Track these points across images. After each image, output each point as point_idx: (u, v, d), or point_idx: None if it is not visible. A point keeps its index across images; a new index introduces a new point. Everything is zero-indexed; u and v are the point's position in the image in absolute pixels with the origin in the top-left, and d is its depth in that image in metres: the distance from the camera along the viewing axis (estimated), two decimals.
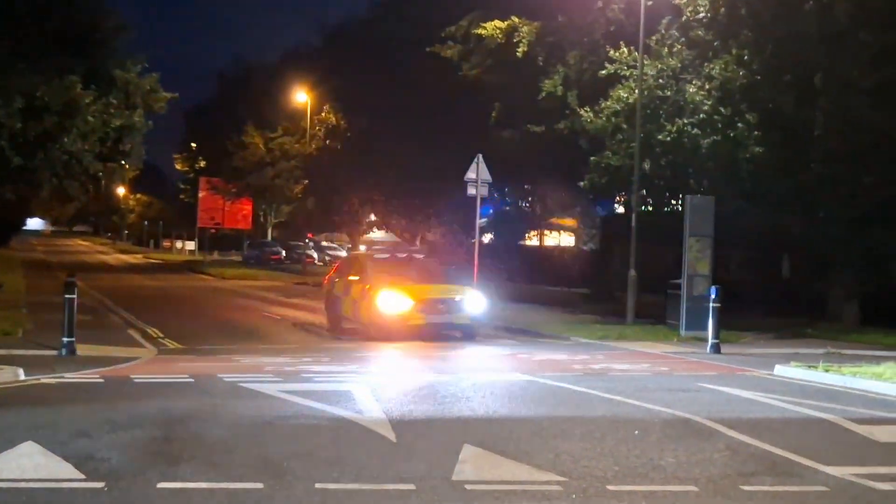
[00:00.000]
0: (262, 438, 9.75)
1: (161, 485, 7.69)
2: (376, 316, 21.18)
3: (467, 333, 21.98)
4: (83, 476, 7.93)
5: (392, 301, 21.04)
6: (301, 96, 58.03)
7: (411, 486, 7.87)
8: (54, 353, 15.95)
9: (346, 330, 23.20)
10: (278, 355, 17.51)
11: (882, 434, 10.65)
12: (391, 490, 7.77)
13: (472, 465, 8.69)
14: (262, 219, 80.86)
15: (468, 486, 7.92)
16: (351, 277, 22.99)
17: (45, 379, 13.58)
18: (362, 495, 7.59)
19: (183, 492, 7.54)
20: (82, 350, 16.18)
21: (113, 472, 8.05)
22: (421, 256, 26.46)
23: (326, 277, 25.98)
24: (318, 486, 7.79)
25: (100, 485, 7.66)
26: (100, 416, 10.88)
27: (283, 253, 72.37)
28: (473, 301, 21.96)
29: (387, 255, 24.71)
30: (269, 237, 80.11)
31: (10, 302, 26.42)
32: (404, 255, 25.55)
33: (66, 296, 16.15)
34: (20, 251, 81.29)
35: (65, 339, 15.97)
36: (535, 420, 11.20)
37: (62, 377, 13.81)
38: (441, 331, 21.85)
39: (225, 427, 10.33)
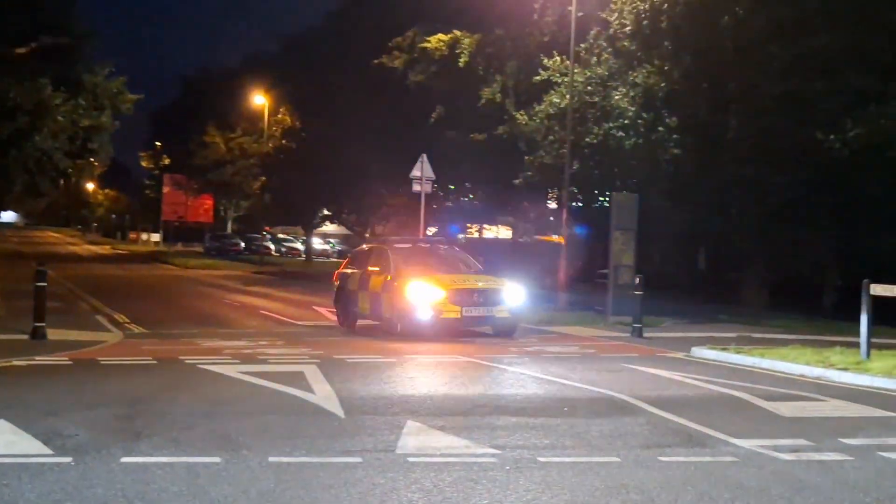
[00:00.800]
0: (220, 416, 9.66)
1: (124, 459, 7.59)
2: (405, 310, 17.85)
3: (506, 329, 18.72)
4: (52, 452, 7.82)
5: (423, 293, 17.74)
6: (259, 99, 58.01)
7: (358, 459, 7.85)
8: (25, 337, 15.68)
9: (359, 327, 20.22)
10: (237, 339, 17.36)
11: (786, 409, 10.80)
12: (339, 462, 7.74)
13: (415, 439, 8.69)
14: (222, 213, 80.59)
15: (410, 459, 7.91)
16: (370, 268, 19.66)
17: (17, 361, 13.35)
18: (312, 468, 7.55)
19: (144, 465, 7.45)
20: (52, 335, 15.92)
21: (79, 448, 7.93)
22: (445, 246, 22.83)
23: (336, 273, 22.11)
24: (271, 459, 7.74)
25: (67, 460, 7.55)
26: (68, 396, 10.74)
27: (243, 244, 71.89)
28: (513, 293, 18.56)
29: (408, 245, 21.07)
30: (229, 230, 79.61)
31: None
32: (427, 244, 22.57)
33: (37, 283, 15.91)
34: None
35: (35, 324, 15.71)
36: (472, 398, 11.22)
37: (32, 360, 13.59)
38: (478, 326, 18.87)
39: (185, 406, 10.23)
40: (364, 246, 23.15)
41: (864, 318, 14.69)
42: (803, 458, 8.41)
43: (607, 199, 28.61)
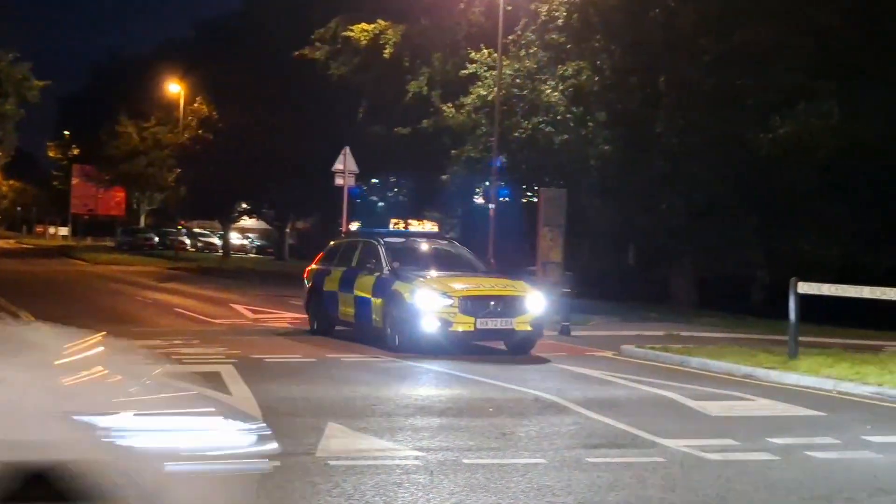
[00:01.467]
0: None
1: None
2: (407, 320, 14.79)
3: (525, 345, 15.54)
4: None
5: (429, 300, 14.59)
6: (174, 87, 56.93)
7: (276, 463, 7.75)
8: None
9: (336, 334, 17.41)
10: (149, 339, 16.95)
11: (714, 409, 10.97)
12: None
13: (336, 441, 8.62)
14: (135, 206, 79.10)
15: (331, 462, 7.84)
16: (357, 267, 16.82)
17: None
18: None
19: None
20: None
21: None
22: (445, 241, 19.79)
23: (307, 269, 19.08)
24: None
25: None
26: None
27: (157, 239, 70.62)
28: (535, 301, 15.32)
29: (402, 239, 18.63)
30: (143, 224, 78.24)
31: None
32: (424, 239, 19.62)
33: None
34: None
35: None
36: (395, 399, 11.18)
37: None
38: (493, 340, 15.85)
39: None
40: (344, 238, 19.97)
41: (792, 317, 14.98)
42: (730, 459, 8.54)
43: (535, 194, 28.80)
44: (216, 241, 72.17)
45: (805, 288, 15.03)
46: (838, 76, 24.92)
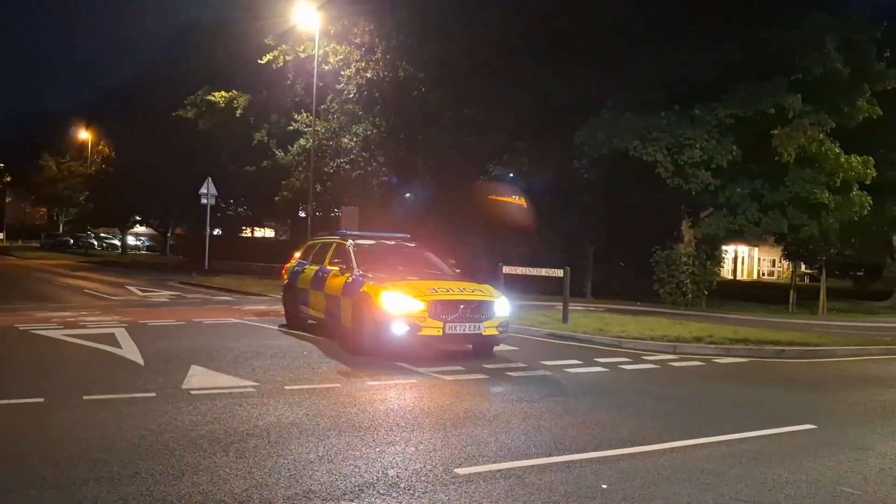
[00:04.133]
0: (45, 367, 8.82)
1: None
2: (377, 323, 10.20)
3: (488, 348, 11.01)
4: None
5: (399, 304, 10.17)
6: (84, 134, 53.83)
7: (153, 394, 7.43)
8: None
9: (309, 327, 13.15)
10: (63, 311, 15.79)
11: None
12: (139, 397, 7.29)
13: (197, 378, 8.33)
14: (55, 217, 73.45)
15: (193, 392, 7.59)
16: (329, 267, 12.20)
17: None
18: (119, 402, 7.06)
19: None
20: None
21: None
22: (413, 245, 13.29)
23: (285, 267, 14.44)
24: (85, 397, 7.16)
25: None
26: None
27: (72, 241, 65.34)
28: (502, 305, 10.84)
29: (371, 242, 12.83)
30: (61, 230, 72.32)
31: None
32: (392, 241, 13.27)
33: None
34: None
35: None
36: (240, 347, 10.88)
37: None
38: (461, 344, 10.96)
39: (17, 361, 9.24)
40: (320, 238, 14.28)
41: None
42: (460, 378, 8.85)
43: (339, 211, 28.66)
44: (116, 242, 67.48)
45: (507, 269, 15.69)
46: (528, 137, 26.13)
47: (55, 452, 5.45)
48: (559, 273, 15.21)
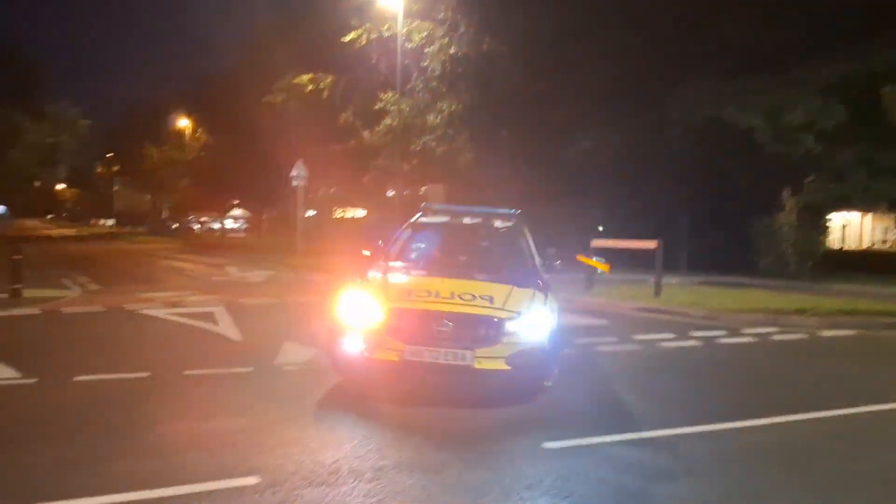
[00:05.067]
0: (150, 345, 9.29)
1: (77, 378, 7.22)
2: (330, 337, 6.78)
3: (488, 391, 6.61)
4: (21, 374, 7.32)
5: (356, 310, 6.59)
6: (183, 122, 56.41)
7: (250, 369, 7.71)
8: (5, 296, 14.54)
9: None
10: (166, 291, 16.59)
11: None
12: (236, 372, 7.59)
13: (289, 354, 8.58)
14: (158, 203, 77.32)
15: (285, 368, 7.83)
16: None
17: None
18: (217, 377, 7.37)
19: (93, 382, 7.10)
20: (26, 293, 14.81)
21: (44, 372, 7.48)
22: (508, 225, 8.50)
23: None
24: (185, 372, 7.51)
25: (33, 380, 7.12)
26: (37, 335, 10.09)
27: (175, 226, 68.78)
28: (530, 322, 6.37)
29: (443, 220, 8.73)
30: (164, 215, 76.14)
31: None
32: (476, 219, 8.65)
33: (13, 257, 14.77)
34: None
35: (13, 286, 14.57)
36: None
37: (10, 312, 12.62)
38: (439, 378, 6.42)
39: (127, 338, 9.77)
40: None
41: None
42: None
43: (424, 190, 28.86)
44: (215, 225, 70.47)
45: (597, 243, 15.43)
46: (615, 107, 25.51)
47: (157, 424, 5.74)
48: (651, 245, 14.83)
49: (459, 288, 6.69)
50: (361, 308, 6.56)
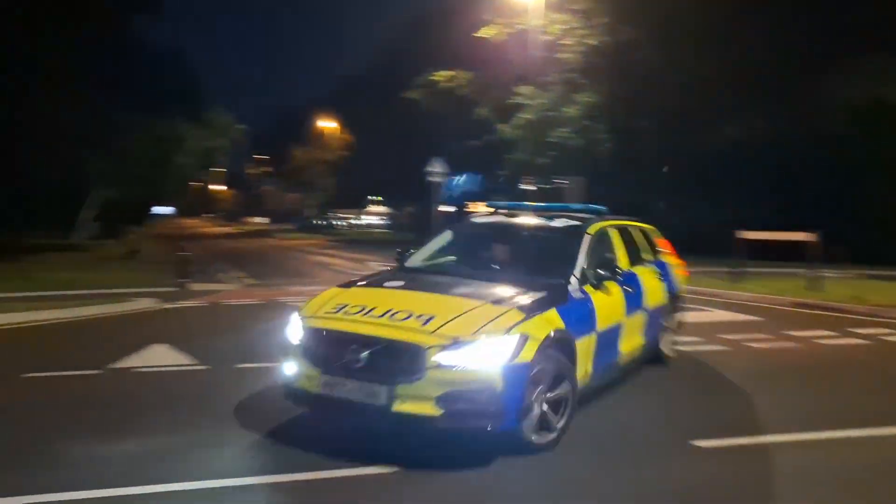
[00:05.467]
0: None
1: (238, 365, 7.70)
2: (282, 356, 5.57)
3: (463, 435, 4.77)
4: (196, 362, 7.86)
5: (292, 330, 5.54)
6: (326, 123, 59.05)
7: None
8: (175, 289, 15.73)
9: None
10: (314, 286, 17.28)
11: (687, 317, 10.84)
12: None
13: None
14: (305, 201, 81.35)
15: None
16: None
17: (168, 305, 13.42)
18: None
19: (255, 369, 7.55)
20: (193, 287, 15.96)
21: (214, 358, 8.00)
22: (576, 224, 6.42)
23: None
24: None
25: (206, 366, 7.68)
26: (204, 325, 10.87)
27: (320, 222, 72.00)
28: (488, 348, 4.67)
29: (493, 220, 7.09)
30: (311, 213, 79.90)
31: (147, 259, 26.02)
32: (538, 219, 6.69)
33: (180, 253, 16.00)
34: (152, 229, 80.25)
35: (179, 279, 15.77)
36: None
37: (179, 303, 13.64)
38: (348, 417, 5.13)
39: (279, 330, 10.29)
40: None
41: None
42: (699, 350, 8.52)
43: (558, 182, 28.60)
44: (357, 221, 73.19)
45: (747, 235, 14.78)
46: (766, 93, 24.22)
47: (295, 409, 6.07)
48: (809, 237, 14.01)
49: (408, 304, 5.13)
50: (295, 326, 5.49)
